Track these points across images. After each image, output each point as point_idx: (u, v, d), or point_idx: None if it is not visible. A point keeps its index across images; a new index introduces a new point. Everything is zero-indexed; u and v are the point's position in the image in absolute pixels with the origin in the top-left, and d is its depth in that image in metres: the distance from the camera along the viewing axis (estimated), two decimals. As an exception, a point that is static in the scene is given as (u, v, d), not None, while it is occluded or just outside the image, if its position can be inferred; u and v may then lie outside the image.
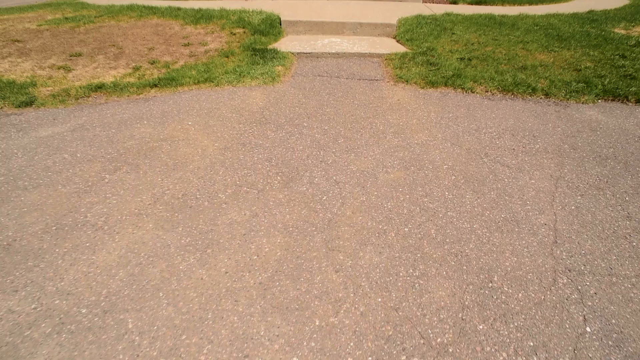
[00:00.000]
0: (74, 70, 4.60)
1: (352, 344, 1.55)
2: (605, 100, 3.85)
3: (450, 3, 7.94)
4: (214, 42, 5.51)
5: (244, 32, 5.82)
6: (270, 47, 5.33)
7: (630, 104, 3.75)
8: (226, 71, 4.57)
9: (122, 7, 7.32)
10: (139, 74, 4.52)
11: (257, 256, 1.99)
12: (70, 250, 2.03)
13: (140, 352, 1.52)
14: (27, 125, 3.44)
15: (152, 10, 6.92)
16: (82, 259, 1.98)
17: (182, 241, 2.09)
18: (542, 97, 3.93)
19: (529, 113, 3.62)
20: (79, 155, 2.95)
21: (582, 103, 3.79)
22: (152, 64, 4.81)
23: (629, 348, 1.53)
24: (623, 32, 5.54)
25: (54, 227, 2.20)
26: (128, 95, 4.06)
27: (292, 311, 1.69)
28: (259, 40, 5.49)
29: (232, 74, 4.50)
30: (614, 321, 1.64)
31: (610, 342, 1.55)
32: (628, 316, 1.66)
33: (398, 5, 7.70)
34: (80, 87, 4.16)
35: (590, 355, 1.50)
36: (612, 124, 3.39)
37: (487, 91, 4.06)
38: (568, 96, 3.87)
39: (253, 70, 4.58)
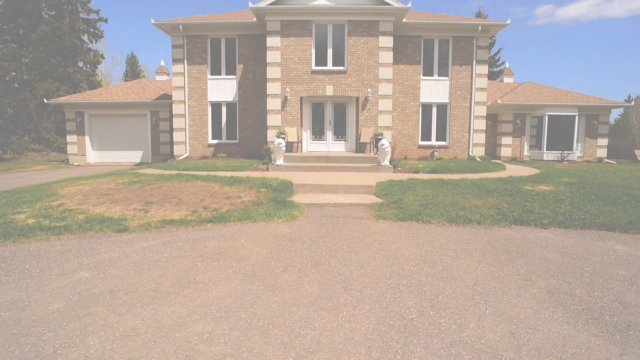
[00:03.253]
0: (150, 211, 6.50)
1: (364, 318, 2.93)
2: (515, 225, 5.82)
3: (413, 173, 10.85)
4: (247, 196, 7.69)
5: (267, 191, 8.10)
6: (287, 200, 7.50)
7: (531, 226, 5.71)
8: (259, 213, 6.53)
9: (170, 174, 9.87)
10: (197, 215, 6.42)
11: (306, 292, 3.43)
12: (192, 291, 3.44)
13: (252, 324, 2.86)
14: (130, 241, 5.07)
15: (196, 177, 9.41)
16: (202, 294, 3.38)
17: (259, 288, 3.54)
18: (476, 224, 5.87)
19: (466, 232, 5.48)
20: (174, 254, 4.52)
21: (501, 227, 5.73)
22: (204, 208, 6.78)
23: (506, 316, 2.96)
24: (530, 188, 8.06)
25: (177, 284, 3.63)
26: (192, 227, 5.84)
27: (331, 310, 3.09)
28: (278, 196, 7.71)
29: (263, 215, 6.44)
30: (500, 309, 3.09)
31: (497, 315, 2.98)
32: (508, 306, 3.12)
33: (375, 175, 10.51)
34: (157, 221, 5.96)
35: (488, 320, 2.92)
36: (518, 236, 5.24)
37: (439, 222, 6.01)
38: (492, 223, 5.83)
39: (278, 213, 6.55)
